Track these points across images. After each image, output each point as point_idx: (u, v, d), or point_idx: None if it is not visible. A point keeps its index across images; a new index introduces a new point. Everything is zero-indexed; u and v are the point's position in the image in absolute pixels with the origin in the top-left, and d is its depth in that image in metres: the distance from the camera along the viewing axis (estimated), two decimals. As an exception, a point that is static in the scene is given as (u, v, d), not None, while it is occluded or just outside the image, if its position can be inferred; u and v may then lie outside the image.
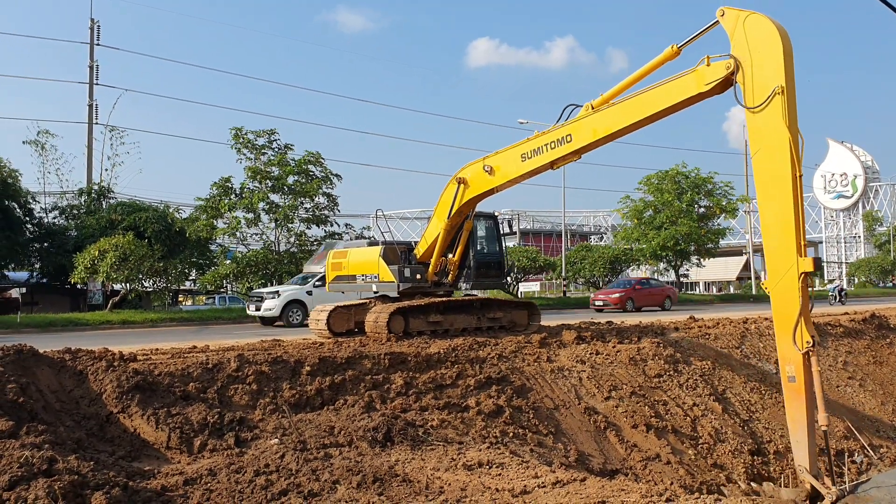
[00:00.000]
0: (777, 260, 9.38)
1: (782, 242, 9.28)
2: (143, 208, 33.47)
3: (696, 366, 14.66)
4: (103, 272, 26.88)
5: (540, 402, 12.09)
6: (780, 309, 9.39)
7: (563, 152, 12.49)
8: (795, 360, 9.19)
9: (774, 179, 9.32)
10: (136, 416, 9.09)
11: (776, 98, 9.23)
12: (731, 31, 9.81)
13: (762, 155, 9.48)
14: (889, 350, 19.22)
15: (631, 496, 7.10)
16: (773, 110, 9.27)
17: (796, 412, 9.38)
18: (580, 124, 12.16)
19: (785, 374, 9.37)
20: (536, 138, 12.97)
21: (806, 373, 9.11)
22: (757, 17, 9.57)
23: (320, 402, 10.54)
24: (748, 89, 9.63)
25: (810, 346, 9.04)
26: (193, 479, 7.51)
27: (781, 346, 9.40)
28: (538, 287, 62.04)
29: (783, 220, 9.24)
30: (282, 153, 31.16)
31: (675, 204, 43.90)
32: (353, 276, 16.17)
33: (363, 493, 7.25)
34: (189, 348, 12.83)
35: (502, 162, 13.73)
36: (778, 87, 9.22)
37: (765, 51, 9.45)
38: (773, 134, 9.29)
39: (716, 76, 10.03)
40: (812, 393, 9.16)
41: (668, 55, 10.91)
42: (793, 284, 9.16)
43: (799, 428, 9.37)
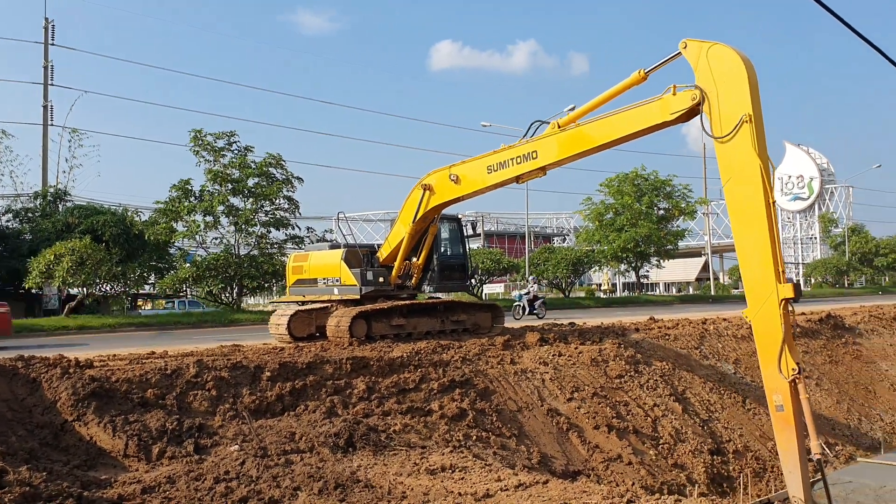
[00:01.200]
0: (756, 288, 9.24)
1: (760, 270, 9.17)
2: (101, 211, 32.83)
3: (657, 366, 14.83)
4: (59, 277, 26.31)
5: (503, 405, 12.12)
6: (763, 337, 9.21)
7: (529, 168, 12.57)
8: (782, 389, 8.97)
9: (747, 207, 9.27)
10: (92, 424, 8.91)
11: (744, 126, 9.22)
12: (694, 63, 9.81)
13: (733, 184, 9.44)
14: (844, 350, 19.65)
15: (593, 498, 7.14)
16: (741, 139, 9.25)
17: (787, 442, 9.13)
18: (546, 142, 12.23)
19: (773, 404, 9.11)
20: (503, 151, 13.01)
21: (794, 401, 8.90)
22: (720, 48, 9.56)
23: (281, 407, 10.43)
24: (715, 119, 9.61)
25: (796, 373, 8.85)
26: (151, 487, 7.38)
27: (767, 375, 9.18)
28: (502, 289, 62.26)
29: (759, 248, 9.15)
30: (242, 155, 30.82)
31: (635, 206, 44.39)
32: (315, 279, 16.03)
33: (324, 499, 7.20)
34: (147, 354, 12.61)
35: (468, 172, 13.76)
36: (745, 115, 9.21)
37: (730, 81, 9.45)
38: (744, 162, 9.26)
39: (681, 106, 10.07)
40: (802, 421, 8.95)
41: (635, 80, 10.92)
42: (773, 312, 8.99)
43: (790, 458, 9.12)
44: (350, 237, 16.86)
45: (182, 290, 33.61)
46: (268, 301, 42.45)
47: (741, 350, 17.23)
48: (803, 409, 8.90)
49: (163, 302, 44.91)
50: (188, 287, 32.44)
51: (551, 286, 49.44)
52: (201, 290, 31.03)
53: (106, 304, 31.17)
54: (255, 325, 25.91)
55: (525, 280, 40.60)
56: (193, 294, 35.20)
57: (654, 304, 42.11)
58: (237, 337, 18.16)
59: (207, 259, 30.07)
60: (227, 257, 30.17)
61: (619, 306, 41.16)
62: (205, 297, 33.17)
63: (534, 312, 28.55)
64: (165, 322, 26.99)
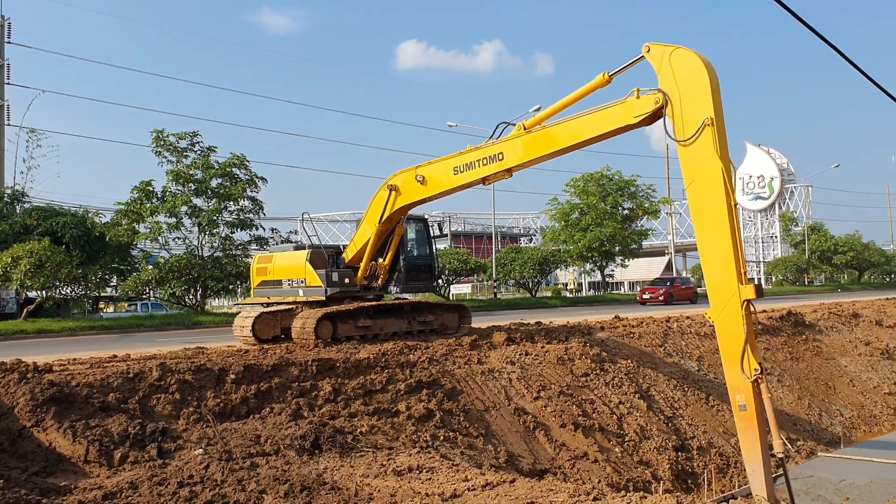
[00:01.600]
0: (718, 289, 9.34)
1: (722, 271, 9.26)
2: (61, 213, 32.19)
3: (622, 364, 14.97)
4: (17, 279, 25.75)
5: (470, 405, 12.13)
6: (726, 338, 9.32)
7: (495, 169, 12.60)
8: (745, 389, 9.08)
9: (709, 210, 9.37)
10: (51, 430, 8.72)
11: (706, 130, 9.31)
12: (657, 67, 9.89)
13: (696, 187, 9.53)
14: (805, 346, 20.01)
15: (559, 496, 7.17)
16: (703, 142, 9.33)
17: (750, 441, 9.23)
18: (512, 143, 12.27)
19: (735, 404, 9.21)
20: (469, 153, 13.02)
21: (756, 400, 9.01)
22: (682, 52, 9.65)
23: (246, 410, 10.32)
24: (678, 123, 9.70)
25: (759, 373, 8.96)
26: (113, 492, 7.26)
27: (730, 375, 9.28)
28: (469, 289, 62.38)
29: (721, 250, 9.25)
30: (205, 156, 30.50)
31: (600, 206, 44.83)
32: (279, 281, 15.89)
33: (290, 502, 7.13)
34: (109, 357, 12.39)
35: (434, 173, 13.74)
36: (707, 119, 9.30)
37: (692, 84, 9.53)
38: (706, 166, 9.35)
39: (644, 110, 10.14)
40: (765, 421, 9.06)
41: (600, 82, 10.98)
42: (736, 313, 9.09)
43: (753, 456, 9.22)
44: (315, 238, 16.73)
45: (145, 293, 33.14)
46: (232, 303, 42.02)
47: (704, 347, 17.46)
48: (766, 409, 9.00)
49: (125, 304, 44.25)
50: (151, 289, 31.99)
51: (518, 286, 49.65)
52: (164, 292, 30.61)
53: (66, 308, 30.58)
54: (219, 327, 25.63)
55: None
56: (156, 296, 34.71)
57: (618, 303, 42.54)
58: (201, 339, 17.94)
59: (170, 261, 29.67)
60: (191, 259, 29.81)
61: (584, 305, 41.53)
62: (168, 300, 32.70)
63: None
64: (128, 325, 26.56)
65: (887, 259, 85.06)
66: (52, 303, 29.16)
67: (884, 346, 21.67)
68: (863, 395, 18.85)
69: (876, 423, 17.85)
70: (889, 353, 21.44)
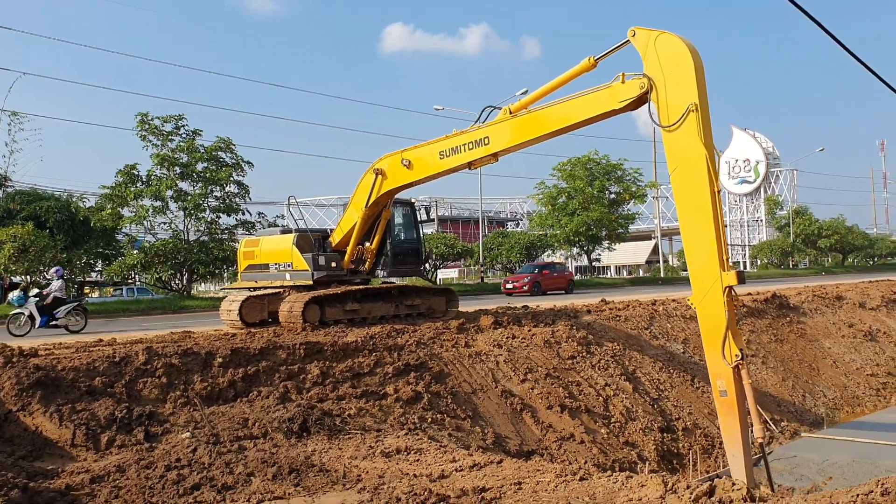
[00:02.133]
0: (701, 275, 9.36)
1: (705, 258, 9.28)
2: (45, 197, 31.96)
3: (608, 347, 15.05)
4: (1, 264, 25.59)
5: (458, 387, 12.17)
6: (707, 324, 9.34)
7: (481, 154, 12.55)
8: (726, 375, 9.10)
9: (693, 196, 9.37)
10: (37, 414, 8.69)
11: (690, 116, 9.29)
12: (642, 51, 9.85)
13: (679, 172, 9.53)
14: (789, 328, 20.19)
15: (546, 476, 7.23)
16: (687, 128, 9.32)
17: (730, 427, 9.24)
18: (498, 128, 12.23)
19: (717, 389, 9.23)
20: (455, 137, 12.96)
21: (737, 386, 9.03)
22: (667, 37, 9.61)
23: (233, 394, 10.32)
24: (662, 108, 9.68)
25: (739, 359, 8.98)
26: (100, 476, 7.25)
27: (711, 361, 9.31)
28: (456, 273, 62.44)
29: (704, 236, 9.26)
30: (190, 139, 30.27)
31: (586, 190, 44.87)
32: (266, 265, 15.85)
33: (279, 484, 7.15)
34: (95, 342, 12.35)
35: (420, 157, 13.68)
36: (692, 104, 9.28)
37: (677, 70, 9.51)
38: (690, 151, 9.34)
39: (629, 94, 10.11)
40: (745, 406, 9.09)
41: (585, 67, 10.93)
42: (718, 299, 9.11)
43: (734, 442, 9.23)
44: (301, 222, 16.63)
45: (130, 277, 32.95)
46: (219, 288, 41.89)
47: (690, 330, 17.57)
48: (746, 394, 9.04)
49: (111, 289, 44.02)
50: (137, 274, 31.82)
51: (505, 270, 49.75)
52: (150, 276, 30.47)
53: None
54: (205, 311, 25.57)
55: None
56: (142, 281, 34.51)
57: (605, 287, 42.71)
58: (188, 324, 17.89)
59: (156, 245, 29.53)
60: (177, 243, 29.67)
61: (571, 289, 41.63)
62: (154, 284, 32.55)
63: (54, 323, 17.32)
64: (113, 310, 26.46)
65: (870, 242, 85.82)
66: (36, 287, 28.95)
67: (866, 328, 21.89)
68: (846, 376, 19.06)
69: (858, 404, 18.07)
70: (872, 335, 21.67)
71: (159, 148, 29.86)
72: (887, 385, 19.32)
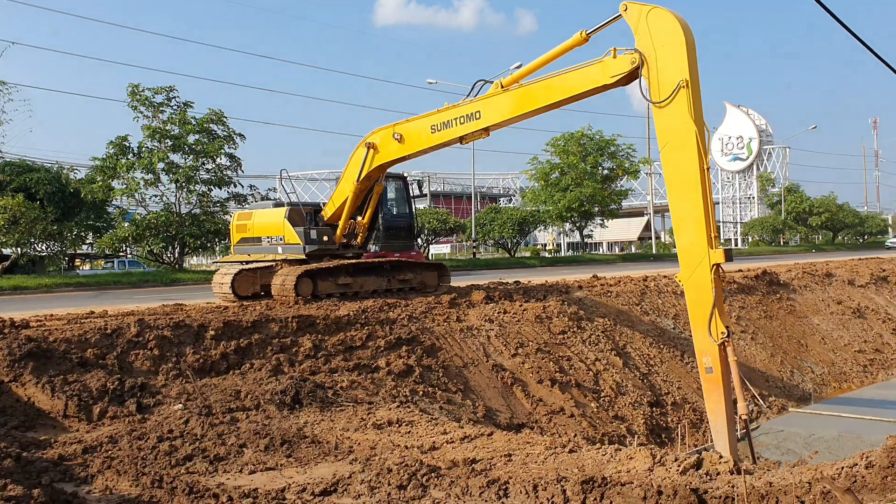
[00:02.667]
0: (689, 253, 9.38)
1: (693, 235, 9.30)
2: (35, 169, 31.72)
3: (599, 322, 15.14)
4: (-9, 236, 25.50)
5: (449, 361, 12.25)
6: (694, 301, 9.39)
7: (472, 128, 12.49)
8: (712, 352, 9.17)
9: (682, 173, 9.35)
10: (29, 385, 8.71)
11: (681, 92, 9.24)
12: (634, 26, 9.77)
13: (669, 149, 9.50)
14: (779, 305, 20.32)
15: (536, 448, 7.31)
16: (678, 104, 9.28)
17: (715, 402, 9.33)
18: (489, 102, 12.16)
19: (702, 366, 9.32)
20: (447, 111, 12.89)
21: (723, 363, 9.11)
22: (659, 12, 9.53)
23: (226, 366, 10.36)
24: (653, 84, 9.61)
25: (725, 336, 9.05)
26: (93, 447, 7.30)
27: (697, 337, 9.39)
28: (448, 249, 62.53)
29: (693, 213, 9.26)
30: (181, 111, 30.05)
31: (580, 166, 44.78)
32: (259, 238, 15.83)
33: (271, 455, 7.21)
34: (86, 314, 12.34)
35: (412, 131, 13.60)
36: (682, 80, 9.22)
37: (668, 45, 9.44)
38: (680, 128, 9.32)
39: (621, 70, 10.03)
40: (730, 383, 9.19)
41: (577, 41, 10.85)
42: (705, 276, 9.14)
43: (718, 418, 9.32)
44: (293, 195, 16.59)
45: (122, 250, 32.89)
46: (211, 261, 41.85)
47: (680, 306, 17.67)
48: (731, 371, 9.13)
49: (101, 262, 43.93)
50: (128, 246, 31.78)
51: (497, 246, 49.80)
52: (142, 249, 30.44)
53: (42, 265, 30.33)
54: (197, 284, 25.53)
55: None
56: (134, 254, 34.48)
57: (597, 263, 42.83)
58: (180, 297, 17.87)
59: (148, 218, 29.42)
60: (168, 216, 29.56)
61: (563, 265, 41.78)
62: (145, 257, 32.52)
63: None
64: (105, 282, 26.39)
65: (861, 220, 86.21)
66: (27, 259, 28.90)
67: (855, 305, 22.07)
68: (834, 352, 19.24)
69: (846, 380, 18.26)
70: (860, 312, 21.85)
71: (150, 120, 29.66)
72: (874, 361, 19.52)
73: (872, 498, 4.89)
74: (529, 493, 5.92)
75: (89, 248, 36.37)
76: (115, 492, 6.15)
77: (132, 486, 6.24)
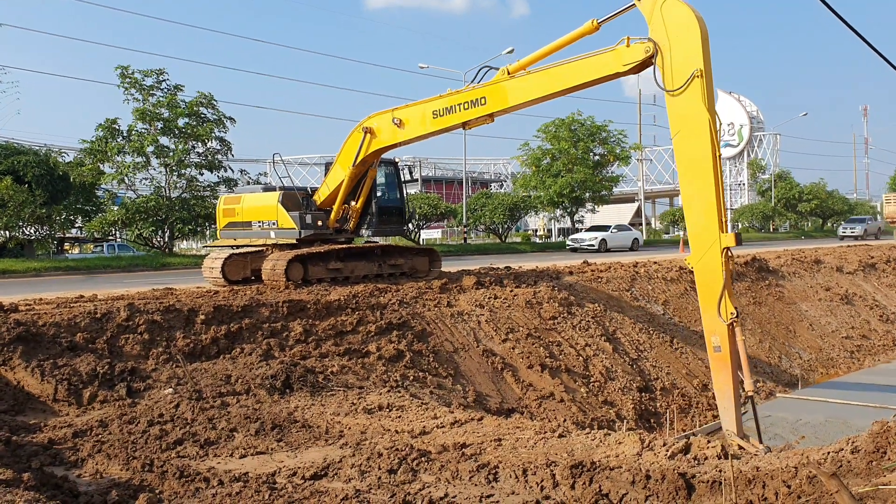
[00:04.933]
0: (700, 236, 9.56)
1: (704, 219, 9.47)
2: (23, 151, 31.44)
3: (589, 308, 15.19)
4: (-22, 219, 25.31)
5: (440, 346, 12.28)
6: (704, 283, 9.57)
7: (477, 114, 12.51)
8: (720, 332, 9.37)
9: (695, 160, 9.50)
10: (19, 369, 8.70)
11: (695, 81, 9.39)
12: (648, 16, 9.89)
13: (682, 136, 9.63)
14: (768, 291, 20.44)
15: (526, 433, 7.35)
16: (692, 93, 9.43)
17: (723, 381, 9.55)
18: (495, 88, 12.16)
19: (711, 345, 9.53)
20: (450, 96, 12.86)
21: (731, 343, 9.31)
22: (674, 2, 9.66)
23: (216, 350, 10.36)
24: (667, 73, 9.73)
25: (735, 317, 9.27)
26: (83, 430, 7.30)
27: (707, 318, 9.57)
28: (439, 234, 62.43)
29: (705, 198, 9.42)
30: (172, 94, 29.82)
31: (571, 152, 44.72)
32: (249, 222, 15.77)
33: (261, 439, 7.22)
34: (76, 298, 12.30)
35: (413, 116, 13.54)
36: (697, 70, 9.37)
37: (683, 35, 9.57)
38: (694, 116, 9.46)
39: (634, 58, 10.16)
40: (738, 361, 9.38)
41: (588, 29, 10.94)
42: (716, 259, 9.33)
43: (725, 396, 9.54)
44: (287, 180, 16.51)
45: (111, 234, 32.71)
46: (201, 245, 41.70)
47: (670, 292, 17.76)
48: (739, 350, 9.30)
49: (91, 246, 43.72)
50: (117, 230, 31.60)
51: (488, 231, 49.78)
52: (131, 233, 30.24)
53: (30, 248, 30.15)
54: (187, 268, 25.45)
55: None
56: (123, 237, 34.29)
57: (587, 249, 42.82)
58: (170, 281, 17.83)
59: (137, 201, 29.24)
60: (158, 200, 29.39)
61: (554, 251, 41.84)
62: (135, 241, 32.32)
63: None
64: (94, 266, 26.26)
65: (850, 207, 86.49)
66: (15, 243, 28.72)
67: (843, 292, 22.21)
68: (821, 338, 19.38)
69: (833, 366, 18.41)
70: (848, 299, 22.00)
71: (140, 102, 29.42)
72: (861, 348, 19.69)
73: (858, 482, 4.94)
74: (519, 478, 5.96)
75: (78, 231, 36.15)
76: (106, 475, 6.15)
77: (122, 470, 6.25)
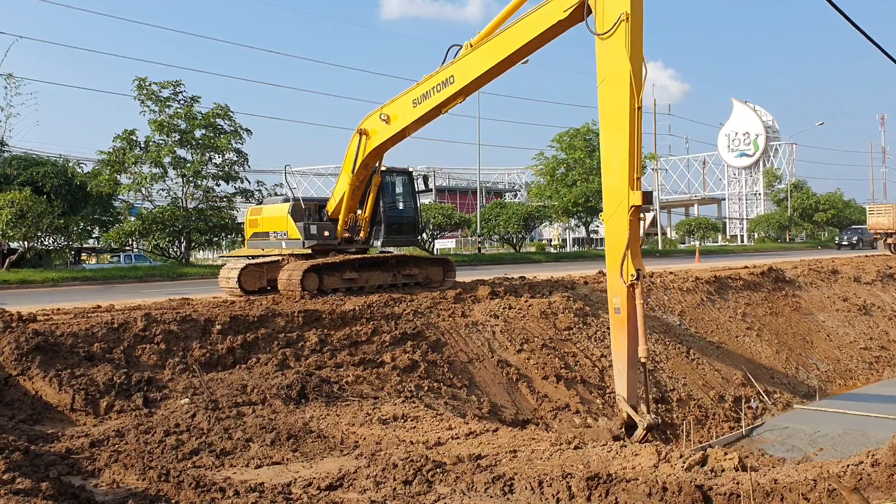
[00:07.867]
0: (612, 193, 9.43)
1: (617, 176, 9.30)
2: (41, 162, 31.75)
3: (604, 319, 15.11)
4: (-2, 229, 25.55)
5: (454, 357, 12.26)
6: (612, 242, 9.47)
7: (448, 94, 12.44)
8: (621, 292, 9.28)
9: (614, 110, 9.31)
10: (37, 379, 8.77)
11: (621, 25, 9.16)
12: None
13: (606, 85, 9.43)
14: (784, 301, 20.28)
15: (541, 444, 7.32)
16: (617, 39, 9.21)
17: (619, 343, 9.48)
18: (460, 64, 12.13)
19: (612, 306, 9.45)
20: (424, 82, 12.89)
21: (630, 304, 9.22)
22: None
23: (232, 360, 10.40)
24: (599, 15, 9.57)
25: (635, 278, 9.14)
26: (100, 440, 7.34)
27: (610, 277, 9.47)
28: (454, 244, 62.43)
29: (619, 153, 9.24)
30: (188, 106, 30.06)
31: (586, 161, 44.68)
32: (267, 233, 15.91)
33: (277, 449, 7.23)
34: (93, 308, 12.38)
35: (396, 109, 13.61)
36: (623, 13, 9.15)
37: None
38: (616, 63, 9.24)
39: (571, 1, 9.95)
40: (635, 325, 9.28)
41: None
42: (623, 217, 9.20)
43: (620, 359, 9.46)
44: (296, 190, 16.64)
45: (128, 244, 32.91)
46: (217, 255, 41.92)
47: (686, 302, 17.66)
48: (637, 314, 9.19)
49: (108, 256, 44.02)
50: (134, 241, 31.78)
51: (503, 241, 49.72)
52: (148, 243, 30.45)
53: (48, 258, 30.38)
54: (204, 279, 25.57)
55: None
56: (140, 248, 34.50)
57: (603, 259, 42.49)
58: (186, 291, 17.92)
59: (154, 212, 29.45)
60: (175, 210, 29.58)
61: (569, 261, 41.68)
62: (152, 251, 32.54)
63: None
64: (111, 276, 26.43)
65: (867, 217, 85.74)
66: (34, 253, 28.96)
67: (861, 302, 22.01)
68: (839, 349, 19.20)
69: (851, 377, 18.22)
70: (866, 309, 21.79)
71: (157, 114, 29.67)
72: (880, 359, 19.48)
73: (878, 496, 4.89)
74: (535, 489, 5.93)
75: (96, 241, 36.42)
76: (122, 485, 6.18)
77: (139, 480, 6.27)
